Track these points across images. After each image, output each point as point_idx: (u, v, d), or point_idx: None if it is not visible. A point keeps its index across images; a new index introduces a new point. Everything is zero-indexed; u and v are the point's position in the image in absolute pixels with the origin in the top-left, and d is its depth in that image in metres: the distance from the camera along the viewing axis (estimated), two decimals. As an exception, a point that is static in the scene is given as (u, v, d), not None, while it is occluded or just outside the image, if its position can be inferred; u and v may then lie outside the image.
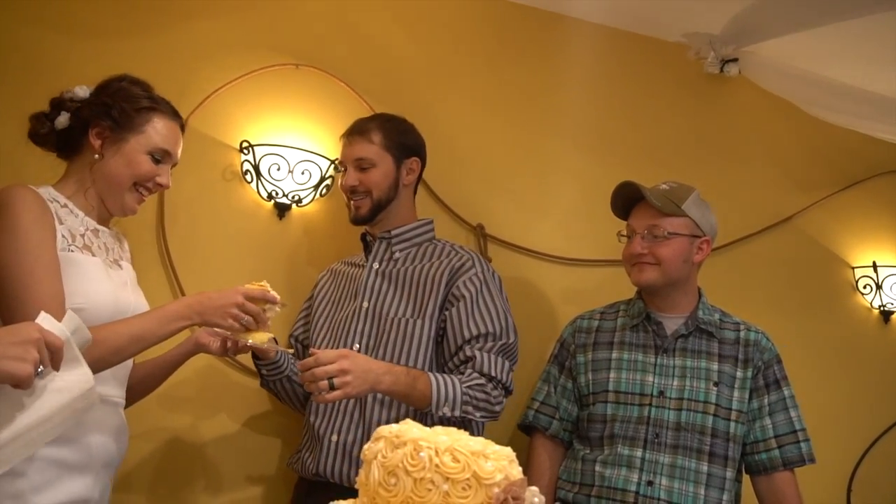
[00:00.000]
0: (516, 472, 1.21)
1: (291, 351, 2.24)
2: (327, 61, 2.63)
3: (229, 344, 1.96)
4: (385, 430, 1.24)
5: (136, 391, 1.91)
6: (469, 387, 2.04)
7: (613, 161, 2.83)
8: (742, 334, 2.25)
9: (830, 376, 3.01)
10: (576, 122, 2.87)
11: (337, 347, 2.17)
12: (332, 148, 2.58)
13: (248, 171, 2.53)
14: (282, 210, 2.56)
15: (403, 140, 2.27)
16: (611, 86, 2.92)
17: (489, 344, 2.11)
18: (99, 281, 1.71)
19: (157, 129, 1.79)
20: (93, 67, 1.83)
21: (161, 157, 1.81)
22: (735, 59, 2.85)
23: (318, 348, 2.19)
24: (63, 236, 1.67)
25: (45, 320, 1.32)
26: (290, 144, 2.52)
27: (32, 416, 1.32)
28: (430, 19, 2.77)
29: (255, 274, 1.99)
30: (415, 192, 2.34)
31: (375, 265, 2.26)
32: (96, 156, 1.75)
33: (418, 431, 1.21)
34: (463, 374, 2.07)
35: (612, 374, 2.23)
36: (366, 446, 1.25)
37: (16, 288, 1.57)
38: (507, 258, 2.71)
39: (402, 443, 1.19)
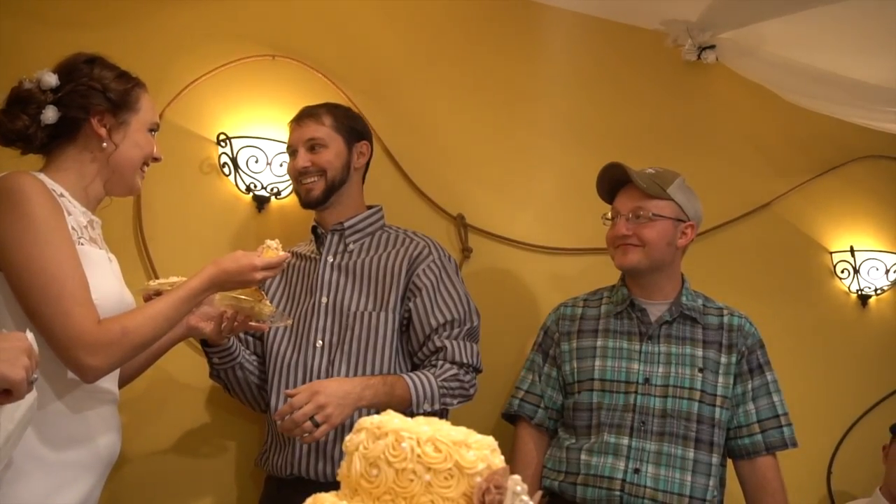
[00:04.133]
0: (498, 461, 1.20)
1: (290, 321, 2.18)
2: (304, 52, 2.61)
3: (224, 325, 1.95)
4: (366, 421, 1.23)
5: (121, 379, 1.86)
6: (444, 379, 2.07)
7: (593, 150, 2.82)
8: (726, 319, 2.25)
9: (809, 361, 3.04)
10: (555, 111, 2.87)
11: (298, 344, 2.16)
12: None
13: (225, 163, 2.51)
14: (261, 202, 2.54)
15: (353, 124, 2.28)
16: (589, 74, 2.92)
17: (455, 331, 2.13)
18: (107, 275, 1.70)
19: (146, 104, 1.78)
20: (59, 58, 1.75)
21: (155, 129, 1.82)
22: (712, 46, 2.85)
23: (278, 346, 2.18)
24: (73, 228, 1.64)
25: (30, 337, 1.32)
26: (268, 136, 2.51)
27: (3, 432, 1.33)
28: (408, 8, 2.76)
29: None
30: (363, 181, 2.34)
31: (330, 259, 2.23)
32: (104, 144, 1.70)
33: (399, 422, 1.21)
34: (435, 365, 2.09)
35: (598, 363, 2.23)
36: (347, 438, 1.24)
37: (45, 282, 1.53)
38: (487, 248, 2.72)
39: (384, 434, 1.18)
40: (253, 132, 2.51)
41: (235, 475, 2.48)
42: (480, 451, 1.18)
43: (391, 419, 1.22)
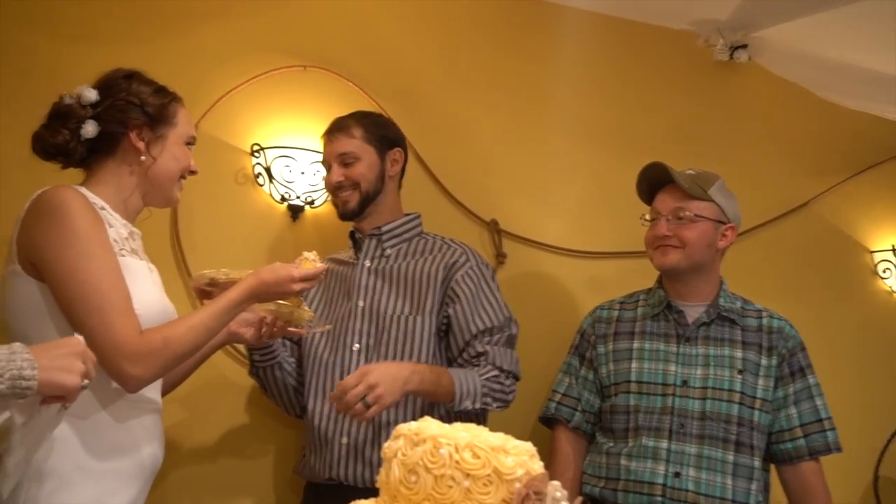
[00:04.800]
0: (537, 466, 1.20)
1: (329, 326, 2.22)
2: (335, 62, 2.63)
3: (264, 330, 1.98)
4: (404, 427, 1.23)
5: (165, 387, 1.88)
6: (487, 379, 2.09)
7: (625, 153, 2.80)
8: (765, 321, 2.22)
9: (852, 363, 2.98)
10: (586, 114, 2.86)
11: (335, 347, 2.19)
12: None
13: (259, 173, 2.53)
14: (295, 212, 2.56)
15: (384, 132, 2.29)
16: (620, 77, 2.90)
17: (496, 337, 2.15)
18: (148, 285, 1.72)
19: (183, 118, 1.82)
20: (95, 73, 1.79)
21: (192, 143, 1.85)
22: (744, 46, 2.81)
23: (315, 348, 2.21)
24: (114, 240, 1.67)
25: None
26: (301, 146, 2.52)
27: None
28: (438, 16, 2.76)
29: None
30: (399, 186, 2.35)
31: (367, 263, 2.25)
32: (143, 158, 1.74)
33: (437, 428, 1.21)
34: (478, 365, 2.11)
35: (634, 365, 2.21)
36: (385, 444, 1.24)
37: (88, 293, 1.55)
38: (521, 253, 2.71)
39: (422, 440, 1.18)
40: (286, 142, 2.53)
41: (273, 482, 2.49)
42: (519, 457, 1.17)
43: (429, 425, 1.22)
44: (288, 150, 2.51)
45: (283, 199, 2.54)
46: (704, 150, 2.87)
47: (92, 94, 1.72)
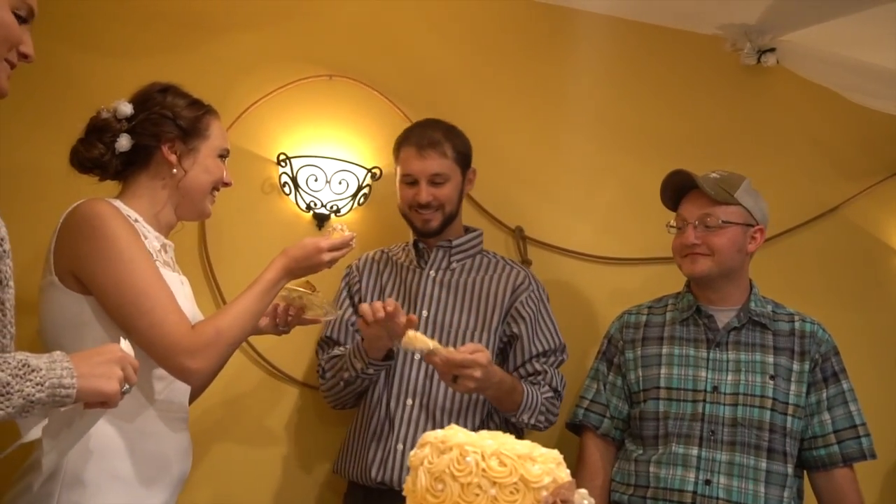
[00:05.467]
0: (564, 474, 1.19)
1: (341, 312, 2.24)
2: (360, 71, 2.64)
3: (279, 318, 1.99)
4: (430, 435, 1.23)
5: (192, 393, 1.87)
6: (546, 399, 2.19)
7: (652, 158, 2.78)
8: (797, 325, 2.20)
9: (884, 368, 2.92)
10: (614, 119, 2.85)
11: (400, 357, 2.19)
12: (369, 157, 2.61)
13: (286, 183, 2.55)
14: (321, 220, 2.57)
15: (468, 151, 2.31)
16: (647, 82, 2.88)
17: (552, 359, 2.25)
18: (181, 297, 1.73)
19: (216, 131, 1.83)
20: (127, 86, 1.83)
21: (225, 155, 1.86)
22: (772, 49, 2.78)
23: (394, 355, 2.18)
24: (150, 251, 1.69)
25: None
26: (327, 155, 2.54)
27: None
28: (460, 24, 2.77)
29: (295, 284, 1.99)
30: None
31: (432, 273, 2.28)
32: (175, 171, 1.76)
33: (464, 436, 1.21)
34: (538, 384, 2.20)
35: (663, 370, 2.19)
36: (412, 453, 1.24)
37: (135, 297, 1.59)
38: (547, 260, 2.70)
39: (448, 448, 1.18)
40: (312, 151, 2.55)
41: (307, 484, 2.52)
42: (546, 465, 1.17)
43: (455, 433, 1.22)
44: (314, 160, 2.52)
45: (309, 208, 2.55)
46: (733, 154, 2.85)
47: (127, 109, 1.75)
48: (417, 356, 2.17)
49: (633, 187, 2.78)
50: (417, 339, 1.85)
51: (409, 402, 2.17)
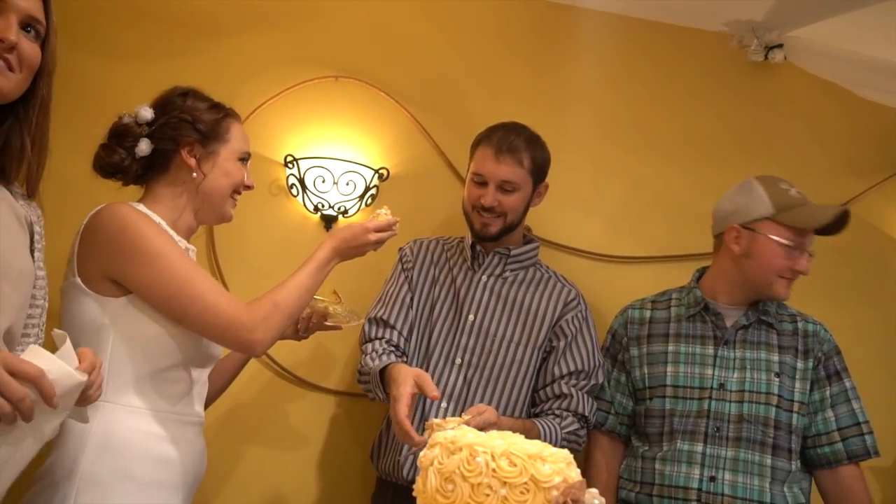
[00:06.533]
0: (574, 474, 1.19)
1: (362, 320, 2.19)
2: (366, 71, 2.65)
3: (300, 324, 2.03)
4: (440, 436, 1.23)
5: (207, 399, 1.89)
6: (567, 433, 2.11)
7: (660, 156, 2.79)
8: (800, 325, 2.21)
9: (893, 364, 2.90)
10: (619, 118, 2.84)
11: (438, 358, 2.17)
12: (376, 157, 2.62)
13: (293, 184, 2.55)
14: (328, 222, 2.58)
15: (544, 164, 2.25)
16: (654, 80, 2.87)
17: (582, 382, 2.16)
18: None
19: (236, 134, 1.84)
20: (136, 89, 1.85)
21: (246, 158, 1.87)
22: (780, 45, 2.76)
23: (429, 357, 2.17)
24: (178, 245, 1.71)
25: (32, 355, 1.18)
26: (334, 156, 2.54)
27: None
28: (466, 23, 2.77)
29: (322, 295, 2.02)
30: None
31: (484, 278, 2.24)
32: (194, 174, 1.77)
33: (473, 437, 1.20)
34: (560, 416, 2.12)
35: (670, 368, 2.19)
36: (421, 453, 1.24)
37: (181, 286, 1.62)
38: (554, 259, 2.67)
39: (458, 448, 1.18)
40: (319, 153, 2.55)
41: (328, 485, 2.52)
42: (556, 465, 1.17)
43: (465, 434, 1.22)
44: (321, 161, 2.53)
45: (317, 210, 2.56)
46: (741, 151, 2.84)
47: (148, 113, 1.76)
48: (458, 361, 2.16)
49: (641, 185, 2.78)
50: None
51: (444, 405, 2.15)
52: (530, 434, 1.97)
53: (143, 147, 1.75)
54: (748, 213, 2.17)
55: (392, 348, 2.15)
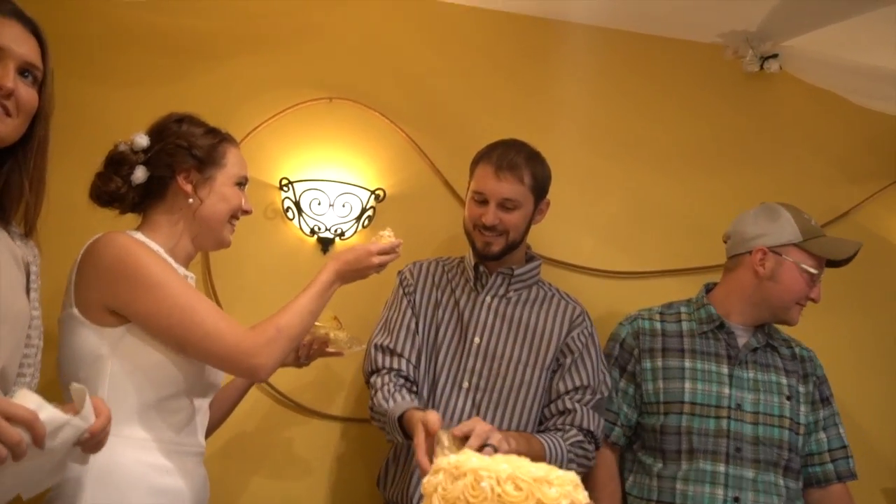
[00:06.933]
0: (582, 497, 1.16)
1: (364, 346, 2.15)
2: (360, 92, 2.64)
3: (301, 351, 2.01)
4: (443, 461, 1.20)
5: (208, 428, 1.88)
6: (571, 444, 2.05)
7: (656, 169, 2.79)
8: (796, 350, 2.27)
9: (893, 378, 2.87)
10: (616, 132, 2.82)
11: (444, 382, 2.13)
12: (372, 178, 2.60)
13: (289, 207, 2.54)
14: (325, 244, 2.56)
15: (546, 183, 2.22)
16: (649, 93, 2.86)
17: (587, 397, 2.12)
18: None
19: (233, 158, 1.82)
20: (134, 115, 1.84)
21: (243, 183, 1.85)
22: (775, 55, 2.77)
23: (435, 382, 2.13)
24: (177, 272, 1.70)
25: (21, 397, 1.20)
26: (330, 178, 2.53)
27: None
28: (459, 42, 2.76)
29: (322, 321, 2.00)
30: None
31: (488, 299, 2.20)
32: (190, 200, 1.75)
33: (478, 461, 1.17)
34: (562, 429, 2.08)
35: (688, 385, 2.17)
36: (425, 479, 1.21)
37: (181, 314, 1.60)
38: (551, 275, 2.63)
39: (462, 473, 1.15)
40: (314, 175, 2.54)
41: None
42: (563, 488, 1.13)
43: (469, 458, 1.18)
44: (317, 183, 2.51)
45: (313, 232, 2.54)
46: (739, 162, 2.83)
47: (143, 140, 1.75)
48: (465, 385, 2.12)
49: (637, 199, 2.77)
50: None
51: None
52: (532, 443, 1.95)
53: (140, 174, 1.73)
54: (777, 238, 2.20)
55: (402, 381, 2.10)
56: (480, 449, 1.69)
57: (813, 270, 2.17)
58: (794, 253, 2.17)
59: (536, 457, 1.75)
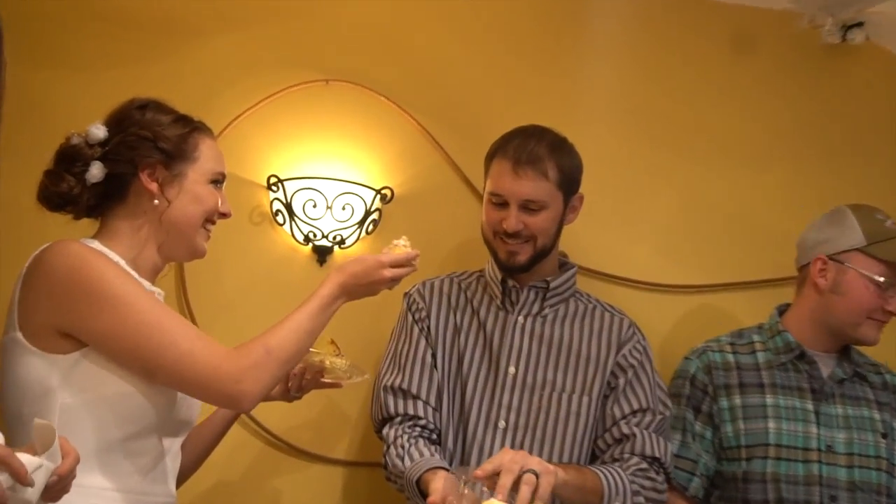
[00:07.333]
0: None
1: (367, 376, 1.99)
2: (361, 73, 2.46)
3: (291, 383, 1.88)
4: None
5: (182, 474, 1.75)
6: (633, 474, 1.90)
7: (714, 162, 2.58)
8: (887, 378, 2.17)
9: None
10: (665, 118, 2.60)
11: (476, 422, 1.99)
12: (377, 175, 2.45)
13: (278, 210, 2.38)
14: (322, 254, 2.39)
15: (575, 173, 2.04)
16: (706, 71, 2.64)
17: (647, 420, 1.98)
18: None
19: (207, 151, 1.71)
20: (91, 103, 1.70)
21: (220, 180, 1.73)
22: (860, 24, 2.58)
23: (464, 422, 1.99)
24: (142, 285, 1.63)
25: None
26: (327, 175, 2.36)
27: None
28: (472, 16, 2.57)
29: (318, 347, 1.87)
30: None
31: (521, 319, 2.03)
32: (156, 201, 1.63)
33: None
34: (620, 458, 1.95)
35: (772, 424, 2.06)
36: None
37: (150, 334, 1.48)
38: (593, 289, 2.41)
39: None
40: (309, 172, 2.37)
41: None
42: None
43: None
44: (311, 182, 2.35)
45: (308, 240, 2.38)
46: (815, 153, 2.64)
47: (100, 132, 1.62)
48: (501, 424, 1.97)
49: (698, 197, 2.58)
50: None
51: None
52: (587, 476, 1.83)
53: (96, 172, 1.59)
54: (836, 244, 2.11)
55: (419, 430, 1.96)
56: (517, 482, 1.57)
57: (879, 278, 2.04)
58: (857, 260, 2.07)
59: (592, 491, 1.83)
